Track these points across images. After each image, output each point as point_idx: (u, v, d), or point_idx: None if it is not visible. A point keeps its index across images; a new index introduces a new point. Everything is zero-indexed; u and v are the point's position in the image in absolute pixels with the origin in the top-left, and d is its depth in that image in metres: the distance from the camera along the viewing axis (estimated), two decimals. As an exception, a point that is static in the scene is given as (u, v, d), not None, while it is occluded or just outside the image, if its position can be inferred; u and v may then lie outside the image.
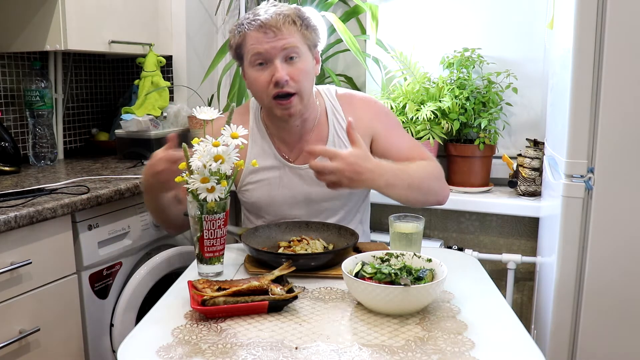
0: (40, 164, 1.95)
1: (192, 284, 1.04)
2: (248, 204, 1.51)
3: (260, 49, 1.31)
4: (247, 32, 1.33)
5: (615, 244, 1.24)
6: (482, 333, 0.92)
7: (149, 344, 0.89)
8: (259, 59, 1.33)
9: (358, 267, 1.06)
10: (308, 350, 0.86)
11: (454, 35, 2.08)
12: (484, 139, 1.92)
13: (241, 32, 1.35)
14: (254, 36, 1.32)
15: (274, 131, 1.46)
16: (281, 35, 1.31)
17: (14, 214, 1.28)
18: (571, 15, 1.23)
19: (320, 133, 1.46)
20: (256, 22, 1.32)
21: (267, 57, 1.32)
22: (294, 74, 1.33)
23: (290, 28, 1.32)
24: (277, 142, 1.46)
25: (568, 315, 1.29)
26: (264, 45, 1.31)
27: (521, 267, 1.97)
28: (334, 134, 1.45)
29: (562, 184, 1.27)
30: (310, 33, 1.37)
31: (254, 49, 1.32)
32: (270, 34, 1.31)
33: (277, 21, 1.31)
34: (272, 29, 1.30)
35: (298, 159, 1.45)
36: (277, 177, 1.45)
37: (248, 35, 1.33)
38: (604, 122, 1.21)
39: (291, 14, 1.34)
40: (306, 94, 1.37)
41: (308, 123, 1.44)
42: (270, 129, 1.46)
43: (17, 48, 1.91)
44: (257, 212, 1.50)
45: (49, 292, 1.41)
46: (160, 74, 2.17)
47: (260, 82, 1.34)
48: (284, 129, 1.44)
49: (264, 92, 1.34)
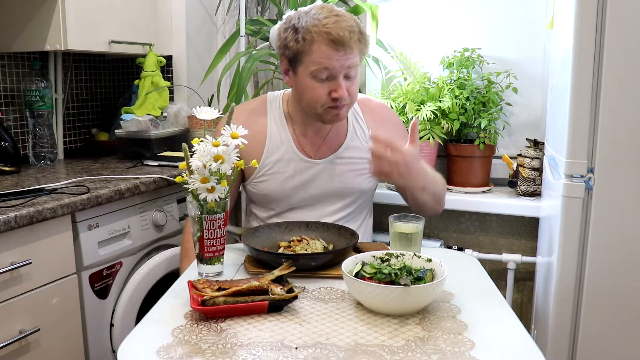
0: (40, 164, 1.95)
1: (192, 284, 1.04)
2: (258, 196, 1.51)
3: (329, 65, 1.32)
4: (316, 41, 1.31)
5: (615, 244, 1.23)
6: (482, 333, 0.92)
7: (149, 344, 0.89)
8: (324, 74, 1.33)
9: (358, 267, 1.06)
10: (308, 351, 0.86)
11: (454, 35, 2.08)
12: (484, 139, 1.92)
13: (307, 38, 1.32)
14: (324, 50, 1.31)
15: (298, 125, 1.49)
16: (351, 54, 1.32)
17: (14, 214, 1.28)
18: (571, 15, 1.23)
19: (339, 131, 1.50)
20: (328, 36, 1.30)
21: (333, 73, 1.33)
22: (350, 89, 1.37)
23: (357, 46, 1.33)
24: (298, 136, 1.48)
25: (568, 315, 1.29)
26: (332, 62, 1.31)
27: (521, 267, 1.97)
28: (352, 132, 1.51)
29: (562, 184, 1.27)
30: (366, 49, 1.39)
31: (321, 63, 1.32)
32: (342, 52, 1.31)
33: (349, 39, 1.30)
34: (343, 46, 1.30)
35: (316, 155, 1.48)
36: (293, 170, 1.47)
37: (316, 46, 1.31)
38: (604, 122, 1.21)
39: (357, 29, 1.33)
40: (354, 104, 1.45)
41: None
42: (294, 122, 1.49)
43: (17, 48, 1.91)
44: (266, 204, 1.51)
45: (49, 292, 1.41)
46: (160, 74, 2.17)
47: (318, 94, 1.36)
48: (308, 124, 1.47)
49: (319, 101, 1.37)
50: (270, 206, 1.51)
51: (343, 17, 1.34)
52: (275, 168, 1.47)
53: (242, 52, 2.12)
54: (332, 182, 1.48)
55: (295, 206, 1.49)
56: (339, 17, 1.33)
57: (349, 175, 1.49)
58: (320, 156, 1.48)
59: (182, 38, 2.28)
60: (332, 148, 1.49)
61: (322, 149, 1.48)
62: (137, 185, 1.65)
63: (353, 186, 1.49)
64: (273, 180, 1.47)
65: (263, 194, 1.49)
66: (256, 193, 1.50)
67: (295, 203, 1.49)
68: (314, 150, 1.48)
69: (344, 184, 1.48)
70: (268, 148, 1.47)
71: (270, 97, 1.54)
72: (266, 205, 1.51)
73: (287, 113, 1.50)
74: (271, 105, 1.52)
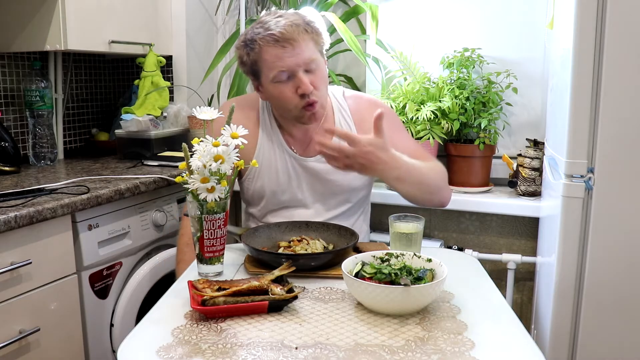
0: (40, 164, 1.95)
1: (192, 284, 1.04)
2: (249, 193, 1.51)
3: (283, 66, 1.32)
4: (263, 47, 1.33)
5: (615, 244, 1.23)
6: (482, 333, 0.92)
7: (149, 344, 0.89)
8: (284, 76, 1.34)
9: (358, 267, 1.06)
10: (308, 351, 0.86)
11: (454, 35, 2.08)
12: (484, 139, 1.92)
13: (255, 48, 1.34)
14: (272, 52, 1.32)
15: (284, 125, 1.49)
16: (299, 48, 1.32)
17: (14, 214, 1.28)
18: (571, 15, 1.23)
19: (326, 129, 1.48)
20: (271, 37, 1.31)
21: (291, 71, 1.33)
22: (315, 83, 1.35)
23: (304, 37, 1.33)
24: (286, 135, 1.49)
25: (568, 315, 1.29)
26: (285, 61, 1.32)
27: (521, 267, 1.97)
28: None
29: (562, 184, 1.27)
30: (319, 37, 1.39)
31: (276, 66, 1.33)
32: (289, 47, 1.31)
33: (291, 33, 1.31)
34: (289, 42, 1.31)
35: (304, 152, 1.48)
36: (284, 167, 1.47)
37: (264, 51, 1.33)
38: (604, 122, 1.21)
39: (300, 22, 1.34)
40: (324, 97, 1.42)
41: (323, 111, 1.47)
42: (280, 122, 1.49)
43: (17, 48, 1.91)
44: (258, 202, 1.51)
45: (49, 292, 1.41)
46: (160, 74, 2.17)
47: (286, 96, 1.36)
48: (294, 125, 1.47)
49: (291, 104, 1.37)
50: (263, 204, 1.51)
51: (285, 15, 1.35)
52: (265, 164, 1.47)
53: (242, 52, 2.12)
54: (322, 180, 1.48)
55: (287, 205, 1.49)
56: (280, 17, 1.34)
57: (338, 173, 1.46)
58: (309, 154, 1.48)
59: (182, 38, 2.28)
60: None
61: (311, 147, 1.48)
62: (137, 185, 1.65)
63: (343, 184, 1.48)
64: (264, 177, 1.48)
65: (254, 191, 1.50)
66: (249, 190, 1.51)
67: (286, 201, 1.49)
68: (303, 148, 1.48)
69: (333, 182, 1.48)
70: (260, 144, 1.47)
71: None
72: (258, 202, 1.52)
73: (274, 115, 1.50)
74: (263, 102, 1.52)
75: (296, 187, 1.48)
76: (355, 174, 1.48)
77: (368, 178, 1.54)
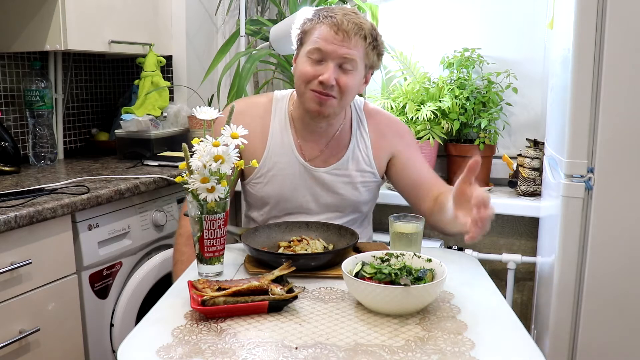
0: (40, 164, 1.95)
1: (192, 284, 1.04)
2: (255, 198, 1.49)
3: (323, 47, 1.31)
4: (319, 23, 1.33)
5: (615, 244, 1.23)
6: (482, 333, 0.92)
7: (149, 344, 0.89)
8: (317, 55, 1.33)
9: (358, 267, 1.06)
10: (308, 351, 0.86)
11: (454, 35, 2.08)
12: (484, 139, 1.92)
13: (313, 20, 1.34)
14: (323, 31, 1.32)
15: (299, 128, 1.46)
16: (348, 43, 1.31)
17: (14, 214, 1.28)
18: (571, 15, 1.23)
19: (342, 140, 1.47)
20: (331, 20, 1.31)
21: (325, 56, 1.32)
22: (342, 82, 1.33)
23: (358, 41, 1.32)
24: (299, 140, 1.46)
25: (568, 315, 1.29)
26: (328, 45, 1.31)
27: (521, 267, 1.97)
28: (355, 144, 1.48)
29: (562, 184, 1.27)
30: (374, 55, 1.36)
31: (316, 43, 1.32)
32: (339, 36, 1.30)
33: (350, 28, 1.30)
34: (343, 32, 1.30)
35: (315, 161, 1.46)
36: (291, 175, 1.44)
37: (318, 27, 1.33)
38: (604, 122, 1.21)
39: (366, 28, 1.33)
40: (343, 105, 1.39)
41: (332, 128, 1.46)
42: (296, 125, 1.46)
43: (17, 48, 1.91)
44: (262, 207, 1.49)
45: (49, 292, 1.41)
46: (160, 74, 2.17)
47: (307, 73, 1.34)
48: (309, 128, 1.44)
49: (306, 82, 1.34)
50: (266, 209, 1.48)
51: (358, 15, 1.34)
52: (274, 170, 1.44)
53: (242, 52, 2.12)
54: (330, 193, 1.46)
55: (291, 212, 1.47)
56: (354, 14, 1.34)
57: (347, 188, 1.46)
58: (320, 164, 1.45)
59: (182, 38, 2.28)
60: (333, 157, 1.46)
61: (323, 157, 1.46)
62: (137, 185, 1.65)
63: (351, 199, 1.47)
64: (271, 183, 1.45)
65: (260, 196, 1.47)
66: (254, 194, 1.48)
67: (290, 209, 1.46)
68: (315, 157, 1.46)
69: (340, 196, 1.46)
70: (269, 149, 1.44)
71: (277, 96, 1.50)
72: (262, 207, 1.49)
73: (291, 115, 1.47)
74: (277, 105, 1.49)
75: (302, 196, 1.45)
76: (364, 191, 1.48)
77: (374, 192, 1.53)
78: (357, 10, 1.37)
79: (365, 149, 1.48)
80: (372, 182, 1.49)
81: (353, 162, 1.46)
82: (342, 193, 1.46)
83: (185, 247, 1.41)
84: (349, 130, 1.48)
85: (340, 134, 1.47)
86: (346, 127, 1.48)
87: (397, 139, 1.49)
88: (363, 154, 1.47)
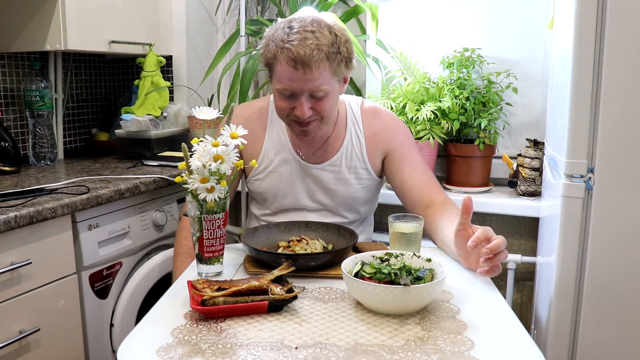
0: (40, 164, 1.95)
1: (192, 284, 1.04)
2: (256, 194, 1.53)
3: (289, 87, 1.30)
4: (279, 57, 1.28)
5: (615, 244, 1.23)
6: (482, 333, 0.92)
7: (149, 344, 0.89)
8: (287, 92, 1.32)
9: (358, 267, 1.06)
10: (308, 350, 0.86)
11: (454, 35, 2.08)
12: (484, 139, 1.92)
13: (272, 51, 1.30)
14: (284, 68, 1.28)
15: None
16: (311, 75, 1.27)
17: (14, 214, 1.28)
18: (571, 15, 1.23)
19: (337, 138, 1.48)
20: (289, 53, 1.25)
21: (294, 92, 1.31)
22: (317, 108, 1.33)
23: (322, 66, 1.27)
24: (295, 139, 1.48)
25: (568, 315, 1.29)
26: (292, 83, 1.29)
27: (521, 267, 1.97)
28: (349, 141, 1.48)
29: (562, 184, 1.27)
30: (342, 67, 1.32)
31: (282, 83, 1.30)
32: (301, 71, 1.26)
33: (310, 57, 1.25)
34: (303, 65, 1.25)
35: (311, 158, 1.48)
36: (287, 171, 1.47)
37: (278, 62, 1.29)
38: (604, 122, 1.21)
39: (325, 47, 1.26)
40: (327, 122, 1.39)
41: (327, 129, 1.47)
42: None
43: (17, 48, 1.91)
44: (263, 202, 1.53)
45: (49, 292, 1.41)
46: (160, 74, 2.17)
47: (282, 108, 1.35)
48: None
49: (285, 115, 1.37)
50: (266, 204, 1.52)
51: (316, 33, 1.27)
52: (271, 167, 1.48)
53: (242, 52, 2.12)
54: (322, 189, 1.48)
55: (288, 208, 1.49)
56: (307, 33, 1.26)
57: (339, 185, 1.47)
58: (316, 161, 1.47)
59: (182, 38, 2.28)
60: (327, 155, 1.48)
61: (319, 154, 1.48)
62: (137, 185, 1.65)
63: (344, 195, 1.48)
64: (268, 179, 1.48)
65: (259, 192, 1.51)
66: (254, 191, 1.53)
67: (287, 205, 1.49)
68: (310, 154, 1.48)
69: (333, 193, 1.48)
70: (266, 147, 1.48)
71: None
72: (262, 202, 1.53)
73: None
74: (274, 107, 1.50)
75: (298, 192, 1.48)
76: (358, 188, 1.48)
77: (372, 192, 1.53)
78: (314, 24, 1.29)
79: (359, 146, 1.48)
80: (366, 180, 1.49)
81: (346, 159, 1.47)
82: (334, 189, 1.47)
83: (185, 240, 1.43)
84: (344, 128, 1.49)
85: (336, 133, 1.48)
86: (341, 125, 1.49)
87: (392, 136, 1.49)
88: (356, 151, 1.48)
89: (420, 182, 1.44)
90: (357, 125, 1.49)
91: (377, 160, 1.49)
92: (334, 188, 1.47)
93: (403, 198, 1.48)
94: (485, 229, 1.10)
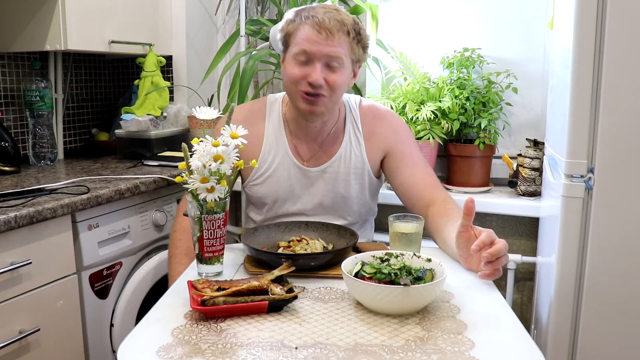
0: (40, 164, 1.95)
1: (192, 284, 1.04)
2: (254, 199, 1.51)
3: (307, 48, 1.32)
4: (301, 24, 1.33)
5: (615, 243, 1.23)
6: (482, 333, 0.92)
7: (149, 344, 0.89)
8: (303, 57, 1.33)
9: (358, 267, 1.06)
10: (308, 350, 0.86)
11: (454, 35, 2.08)
12: (484, 139, 1.92)
13: (295, 21, 1.35)
14: (307, 32, 1.32)
15: (294, 129, 1.47)
16: (332, 41, 1.31)
17: (14, 214, 1.28)
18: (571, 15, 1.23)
19: (335, 139, 1.48)
20: (313, 19, 1.32)
21: (311, 57, 1.33)
22: (330, 80, 1.34)
23: (342, 38, 1.32)
24: (294, 140, 1.47)
25: (568, 315, 1.29)
26: (312, 45, 1.32)
27: (521, 267, 1.97)
28: (347, 142, 1.48)
29: (562, 184, 1.27)
30: (359, 49, 1.37)
31: (301, 45, 1.33)
32: (322, 35, 1.31)
33: (333, 26, 1.31)
34: (325, 30, 1.31)
35: (309, 162, 1.47)
36: (286, 176, 1.46)
37: (301, 28, 1.33)
38: (604, 122, 1.21)
39: (349, 24, 1.33)
40: (334, 101, 1.39)
41: (327, 126, 1.47)
42: (290, 127, 1.47)
43: (17, 48, 1.91)
44: (261, 207, 1.51)
45: (49, 292, 1.41)
46: (160, 74, 2.17)
47: (295, 75, 1.35)
48: (303, 128, 1.46)
49: (295, 83, 1.36)
50: (265, 210, 1.50)
51: (339, 11, 1.35)
52: (269, 172, 1.46)
53: (242, 52, 2.12)
54: (322, 192, 1.47)
55: (289, 213, 1.48)
56: (335, 10, 1.34)
57: (338, 186, 1.47)
58: (315, 164, 1.46)
59: (182, 38, 2.28)
60: (326, 156, 1.47)
61: (317, 156, 1.47)
62: (137, 185, 1.65)
63: (344, 196, 1.47)
64: (267, 184, 1.47)
65: (258, 197, 1.49)
66: (252, 196, 1.51)
67: (287, 209, 1.48)
68: (309, 157, 1.47)
69: (333, 195, 1.47)
70: (264, 151, 1.46)
71: (271, 99, 1.52)
72: (261, 207, 1.51)
73: (285, 117, 1.49)
74: (271, 107, 1.50)
75: (297, 197, 1.47)
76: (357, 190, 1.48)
77: (372, 193, 1.53)
78: (338, 7, 1.38)
79: (358, 146, 1.48)
80: (365, 180, 1.49)
81: (345, 160, 1.47)
82: (334, 191, 1.47)
83: (180, 242, 1.42)
84: (342, 129, 1.48)
85: (334, 133, 1.47)
86: (340, 125, 1.48)
87: (391, 134, 1.48)
88: (355, 152, 1.47)
89: (421, 181, 1.43)
90: (355, 125, 1.49)
91: (376, 160, 1.49)
92: (333, 190, 1.47)
93: (403, 197, 1.47)
94: (489, 232, 1.11)
